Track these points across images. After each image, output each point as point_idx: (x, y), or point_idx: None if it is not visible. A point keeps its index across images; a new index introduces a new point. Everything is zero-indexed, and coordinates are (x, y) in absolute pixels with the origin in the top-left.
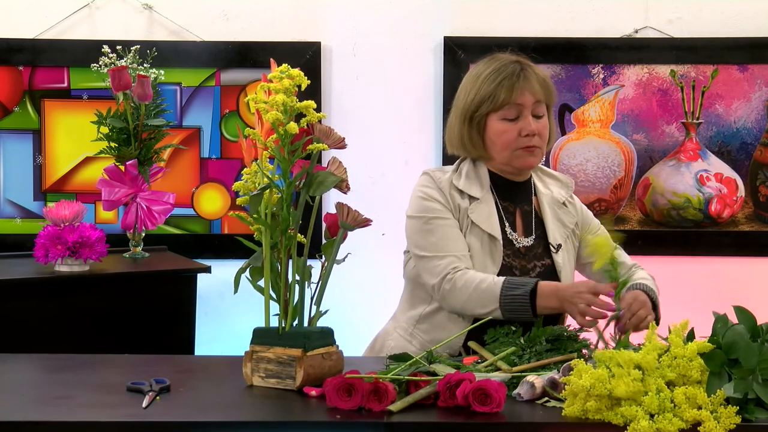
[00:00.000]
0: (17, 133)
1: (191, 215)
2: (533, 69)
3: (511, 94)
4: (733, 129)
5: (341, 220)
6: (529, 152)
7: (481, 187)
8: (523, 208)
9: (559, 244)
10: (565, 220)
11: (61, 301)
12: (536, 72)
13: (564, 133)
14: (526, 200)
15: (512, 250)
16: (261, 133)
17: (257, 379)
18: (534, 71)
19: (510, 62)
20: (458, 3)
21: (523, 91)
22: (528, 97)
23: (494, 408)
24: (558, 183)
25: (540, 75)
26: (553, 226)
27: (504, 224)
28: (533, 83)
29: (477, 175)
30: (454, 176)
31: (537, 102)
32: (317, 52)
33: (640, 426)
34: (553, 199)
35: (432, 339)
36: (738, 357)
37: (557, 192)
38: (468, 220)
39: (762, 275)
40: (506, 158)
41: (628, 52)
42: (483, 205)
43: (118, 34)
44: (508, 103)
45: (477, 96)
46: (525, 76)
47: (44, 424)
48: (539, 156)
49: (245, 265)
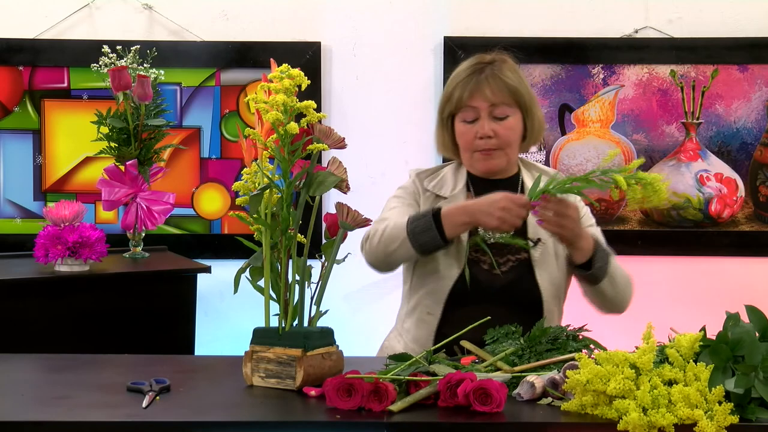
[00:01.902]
0: (17, 133)
1: (191, 215)
2: (498, 71)
3: (464, 96)
4: (733, 129)
5: (341, 220)
6: (486, 155)
7: (454, 187)
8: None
9: (539, 239)
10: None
11: (61, 301)
12: (501, 74)
13: (564, 133)
14: None
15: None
16: (261, 133)
17: (257, 379)
18: (497, 73)
19: (479, 63)
20: (458, 3)
21: (474, 95)
22: (480, 101)
23: (495, 408)
24: (547, 177)
25: (502, 78)
26: (533, 223)
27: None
28: (485, 88)
29: (454, 176)
30: (428, 177)
31: (493, 105)
32: (317, 52)
33: (631, 418)
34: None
35: (413, 337)
36: (743, 354)
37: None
38: None
39: (762, 275)
40: (468, 160)
41: (628, 52)
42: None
43: (118, 34)
44: (463, 105)
45: (443, 97)
46: (480, 80)
47: (44, 424)
48: (501, 158)
49: (245, 265)
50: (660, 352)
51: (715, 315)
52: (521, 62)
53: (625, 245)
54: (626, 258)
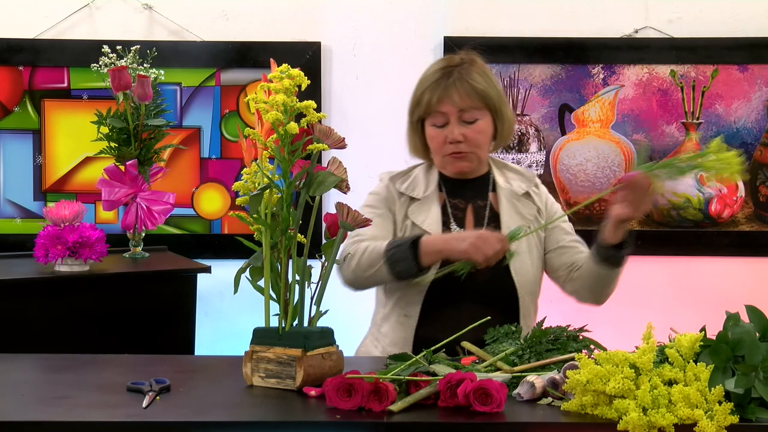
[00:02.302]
0: (17, 133)
1: (191, 215)
2: (466, 74)
3: (432, 102)
4: (733, 129)
5: (341, 220)
6: (456, 158)
7: (425, 188)
8: (476, 204)
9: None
10: (524, 211)
11: (61, 301)
12: (467, 78)
13: (564, 133)
14: (479, 196)
15: None
16: (261, 133)
17: (257, 379)
18: (465, 77)
19: (447, 66)
20: (458, 3)
21: (443, 100)
22: (448, 107)
23: (495, 408)
24: (519, 176)
25: (470, 82)
26: (508, 219)
27: (450, 221)
28: (453, 93)
29: (426, 177)
30: (399, 179)
31: (462, 110)
32: (317, 52)
33: (631, 418)
34: (512, 192)
35: (391, 341)
36: (743, 354)
37: (517, 185)
38: (408, 220)
39: (762, 275)
40: (439, 163)
41: (628, 52)
42: (425, 206)
43: (118, 34)
44: (432, 110)
45: (413, 100)
46: (447, 85)
47: (44, 424)
48: (472, 160)
49: (245, 265)
50: (660, 352)
51: (715, 315)
52: (521, 62)
53: None
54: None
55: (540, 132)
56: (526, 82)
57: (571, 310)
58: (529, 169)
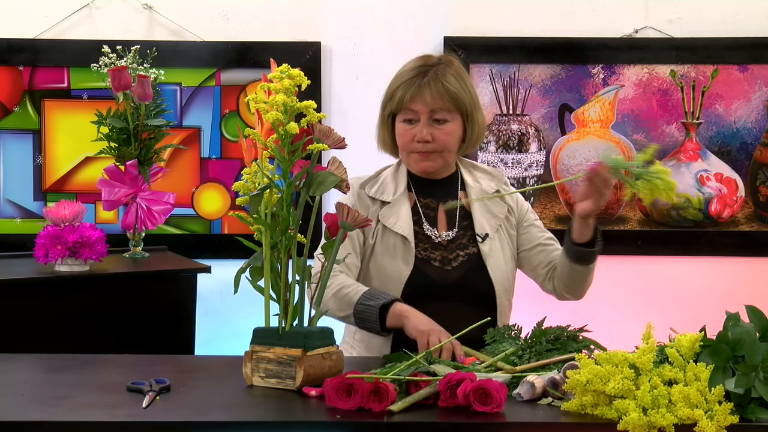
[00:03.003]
0: (17, 133)
1: (191, 215)
2: (441, 75)
3: (404, 99)
4: (733, 129)
5: (341, 220)
6: (422, 157)
7: (395, 190)
8: (447, 203)
9: (486, 233)
10: (495, 210)
11: (61, 301)
12: (442, 79)
13: (564, 133)
14: (449, 195)
15: (430, 244)
16: (261, 133)
17: (257, 379)
18: (440, 78)
19: (423, 65)
20: (458, 3)
21: (415, 99)
22: (420, 106)
23: (495, 408)
24: (487, 176)
25: (444, 83)
26: (480, 217)
27: (422, 221)
28: (426, 93)
29: (395, 179)
30: (368, 183)
31: (433, 110)
32: (317, 52)
33: (631, 418)
34: (482, 191)
35: (367, 346)
36: (743, 354)
37: (486, 184)
38: (379, 224)
39: (762, 275)
40: (405, 159)
41: (628, 52)
42: (395, 208)
43: (118, 34)
44: (403, 107)
45: (386, 95)
46: (421, 84)
47: (44, 424)
48: (437, 160)
49: (245, 265)
50: (660, 352)
51: (715, 315)
52: (521, 62)
53: (625, 245)
54: (626, 258)
55: (540, 132)
56: (526, 82)
57: (571, 310)
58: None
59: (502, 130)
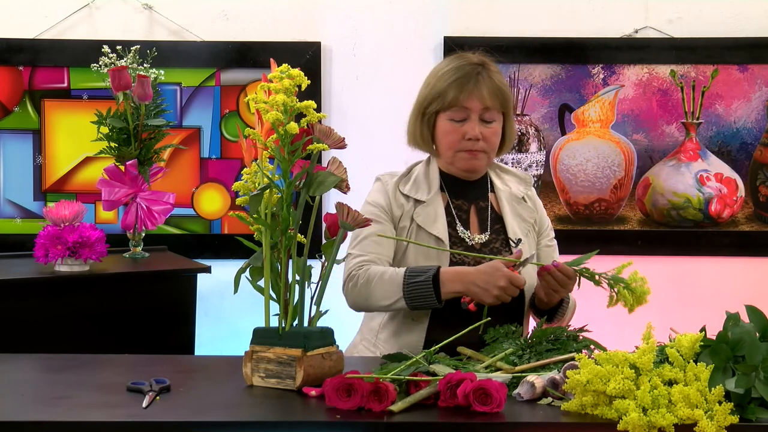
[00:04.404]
0: (17, 133)
1: (191, 215)
2: (491, 74)
3: (459, 96)
4: (733, 129)
5: (341, 220)
6: (471, 155)
7: (428, 189)
8: (479, 205)
9: (519, 238)
10: (525, 215)
11: (61, 301)
12: (493, 78)
13: (564, 133)
14: (481, 197)
15: (465, 248)
16: (261, 133)
17: (257, 379)
18: (491, 77)
19: (469, 64)
20: (458, 3)
21: (471, 96)
22: (475, 103)
23: (494, 408)
24: (516, 179)
25: (496, 82)
26: (512, 221)
27: (456, 223)
28: (483, 89)
29: (427, 177)
30: (402, 181)
31: (486, 108)
32: (317, 52)
33: (631, 418)
34: (512, 194)
35: (393, 346)
36: (743, 354)
37: (515, 188)
38: (413, 223)
39: (762, 275)
40: (450, 158)
41: (628, 52)
42: (430, 208)
43: (118, 34)
44: (456, 105)
45: (431, 92)
46: (477, 81)
47: (44, 424)
48: (483, 160)
49: (245, 265)
50: (660, 352)
51: (715, 315)
52: (521, 62)
53: (625, 245)
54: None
55: (540, 132)
56: (526, 82)
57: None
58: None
59: None
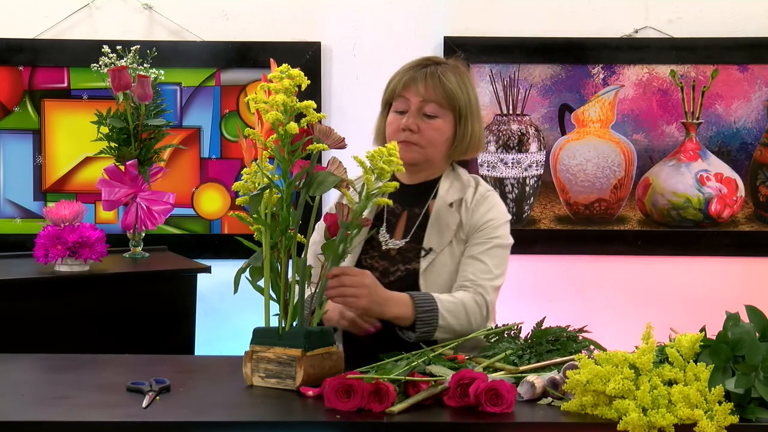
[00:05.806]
0: (17, 133)
1: (191, 215)
2: (441, 71)
3: (397, 88)
4: (733, 129)
5: (341, 220)
6: (404, 146)
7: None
8: (412, 211)
9: (431, 248)
10: (449, 220)
11: (61, 301)
12: (442, 75)
13: (564, 133)
14: (418, 204)
15: (379, 252)
16: (261, 133)
17: (257, 379)
18: (440, 73)
19: (425, 60)
20: (458, 3)
21: (409, 87)
22: (413, 94)
23: (505, 409)
24: (459, 184)
25: (443, 79)
26: (430, 230)
27: (381, 226)
28: (422, 82)
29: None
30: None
31: (424, 101)
32: (317, 52)
33: (631, 418)
34: (444, 201)
35: None
36: (743, 354)
37: (450, 194)
38: None
39: (762, 275)
40: None
41: (628, 52)
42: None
43: (118, 34)
44: (397, 96)
45: (387, 87)
46: (421, 75)
47: (44, 424)
48: (416, 153)
49: (245, 265)
50: (660, 352)
51: (715, 315)
52: (521, 62)
53: (625, 245)
54: (626, 258)
55: (540, 132)
56: (526, 82)
57: (571, 310)
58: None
59: (502, 130)
